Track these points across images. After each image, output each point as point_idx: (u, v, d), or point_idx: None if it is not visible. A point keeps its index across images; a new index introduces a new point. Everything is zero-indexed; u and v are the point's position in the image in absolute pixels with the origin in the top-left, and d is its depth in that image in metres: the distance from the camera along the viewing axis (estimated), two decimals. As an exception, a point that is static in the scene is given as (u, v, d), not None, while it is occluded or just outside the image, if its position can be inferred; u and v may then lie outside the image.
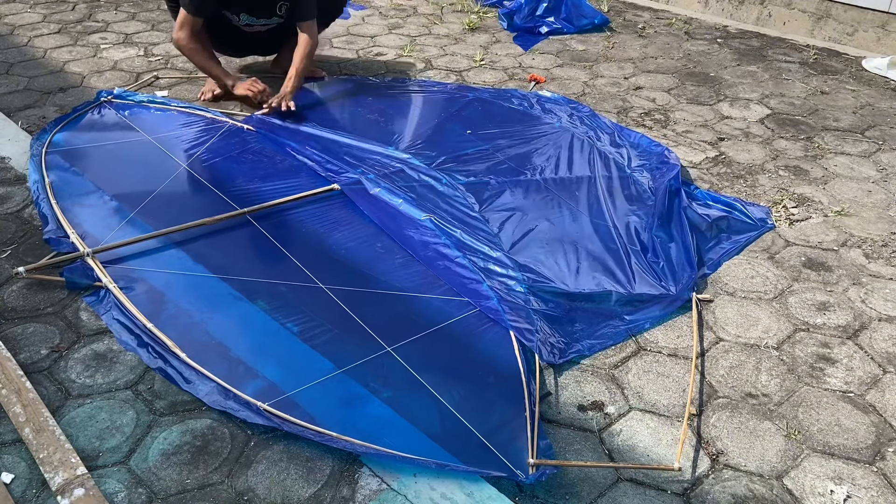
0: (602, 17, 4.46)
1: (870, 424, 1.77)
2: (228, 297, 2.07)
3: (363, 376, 1.81)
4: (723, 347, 2.00)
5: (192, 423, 1.70)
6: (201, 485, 1.56)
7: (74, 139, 2.87)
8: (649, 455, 1.67)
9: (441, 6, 4.79)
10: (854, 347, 2.01)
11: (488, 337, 1.96)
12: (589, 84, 3.65)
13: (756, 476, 1.63)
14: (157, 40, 3.96)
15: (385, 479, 1.58)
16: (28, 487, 1.54)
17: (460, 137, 2.98)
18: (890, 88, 3.72)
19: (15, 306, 2.05)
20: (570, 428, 1.74)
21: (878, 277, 2.30)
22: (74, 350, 1.90)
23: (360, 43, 4.08)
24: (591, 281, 2.18)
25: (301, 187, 2.59)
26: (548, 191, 2.62)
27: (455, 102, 3.29)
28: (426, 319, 2.01)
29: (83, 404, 1.75)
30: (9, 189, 2.58)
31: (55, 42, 3.87)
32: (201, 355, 1.84)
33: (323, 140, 2.88)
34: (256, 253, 2.27)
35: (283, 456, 1.63)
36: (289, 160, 2.79)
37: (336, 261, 2.24)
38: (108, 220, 2.38)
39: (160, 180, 2.60)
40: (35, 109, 3.15)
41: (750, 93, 3.61)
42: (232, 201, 2.49)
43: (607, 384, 1.87)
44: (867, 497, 1.59)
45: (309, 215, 2.46)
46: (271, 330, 1.96)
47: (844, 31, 4.30)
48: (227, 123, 3.02)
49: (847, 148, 3.10)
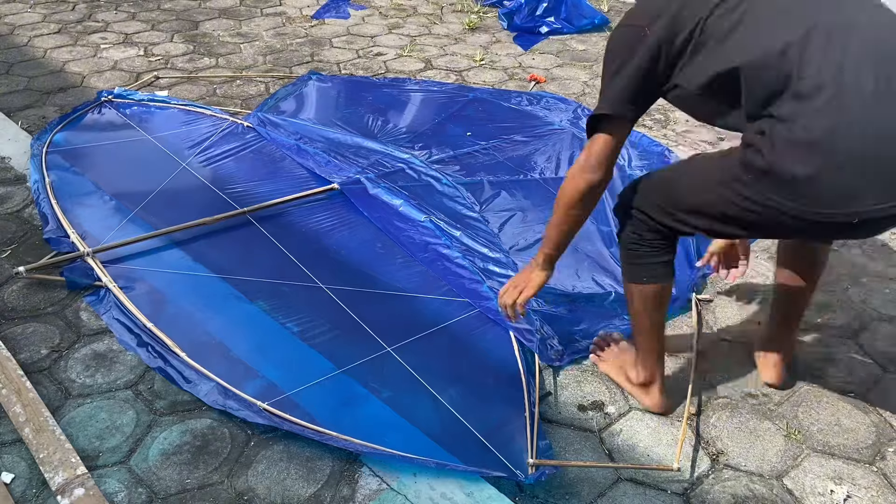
0: (602, 17, 4.46)
1: (870, 424, 1.77)
2: (229, 297, 2.07)
3: (363, 376, 1.81)
4: (723, 347, 2.00)
5: (192, 423, 1.70)
6: (201, 485, 1.56)
7: (75, 139, 2.87)
8: (649, 455, 1.67)
9: (441, 6, 4.79)
10: (854, 347, 2.01)
11: (488, 337, 1.96)
12: (589, 84, 3.65)
13: (756, 476, 1.63)
14: (157, 40, 3.96)
15: (385, 479, 1.58)
16: (28, 487, 1.54)
17: (460, 138, 2.98)
18: (890, 88, 3.72)
19: (15, 306, 2.05)
20: (570, 428, 1.74)
21: (878, 277, 2.30)
22: (74, 350, 1.91)
23: (360, 43, 4.08)
24: (591, 281, 2.18)
25: (301, 187, 2.59)
26: (548, 191, 2.62)
27: (455, 102, 3.29)
28: (426, 320, 2.01)
29: (83, 404, 1.75)
30: (9, 189, 2.58)
31: (55, 42, 3.87)
32: (201, 355, 1.84)
33: (323, 139, 2.88)
34: (257, 253, 2.27)
35: (283, 456, 1.63)
36: (289, 159, 2.79)
37: (336, 261, 2.24)
38: (108, 220, 2.38)
39: (160, 180, 2.61)
40: (35, 109, 3.15)
41: (750, 93, 3.60)
42: (232, 201, 2.50)
43: (607, 384, 1.86)
44: (867, 497, 1.59)
45: (309, 215, 2.46)
46: (271, 330, 1.96)
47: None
48: (227, 122, 3.03)
49: (847, 148, 3.10)
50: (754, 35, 1.35)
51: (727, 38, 1.37)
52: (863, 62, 1.27)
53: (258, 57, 3.80)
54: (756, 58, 1.32)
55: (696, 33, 1.40)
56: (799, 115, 1.28)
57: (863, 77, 1.25)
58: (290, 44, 4.00)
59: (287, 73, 3.61)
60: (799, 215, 1.32)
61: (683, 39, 1.41)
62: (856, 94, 1.25)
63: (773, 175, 1.31)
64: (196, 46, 3.90)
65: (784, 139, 1.29)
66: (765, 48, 1.32)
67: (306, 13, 4.48)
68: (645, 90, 1.49)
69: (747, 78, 1.34)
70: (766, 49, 1.31)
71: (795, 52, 1.29)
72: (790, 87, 1.29)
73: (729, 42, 1.37)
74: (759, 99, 1.33)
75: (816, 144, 1.26)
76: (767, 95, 1.32)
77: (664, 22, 1.43)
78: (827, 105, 1.26)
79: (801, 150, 1.28)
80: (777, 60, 1.30)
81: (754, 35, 1.35)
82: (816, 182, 1.28)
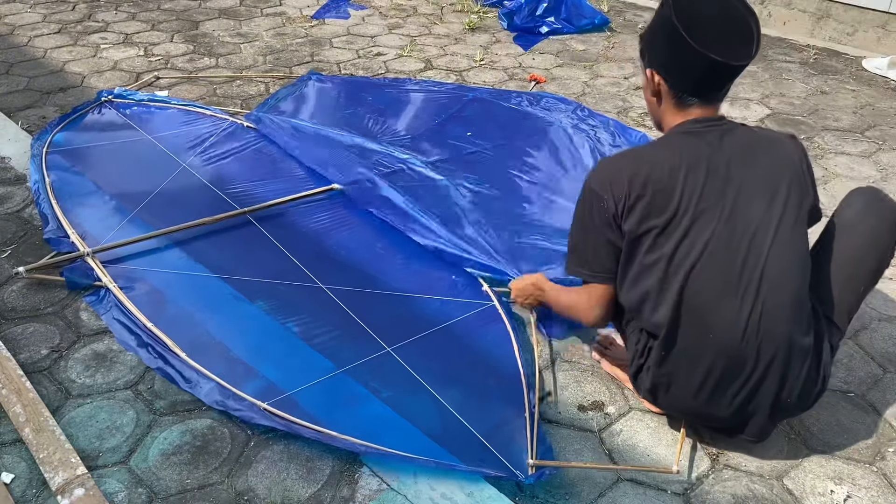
0: (602, 17, 4.46)
1: (870, 424, 1.77)
2: (228, 297, 2.07)
3: (363, 376, 1.81)
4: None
5: (192, 423, 1.70)
6: (201, 485, 1.56)
7: (75, 139, 2.87)
8: (649, 455, 1.67)
9: (441, 6, 4.79)
10: (854, 347, 2.01)
11: (488, 338, 1.96)
12: (589, 84, 3.65)
13: (756, 476, 1.63)
14: (157, 40, 3.96)
15: (385, 478, 1.58)
16: (28, 487, 1.54)
17: (461, 138, 2.98)
18: (890, 88, 3.72)
19: (15, 306, 2.05)
20: (571, 428, 1.74)
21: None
22: (74, 350, 1.90)
23: (360, 43, 4.08)
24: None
25: (301, 186, 2.59)
26: (549, 191, 2.62)
27: (455, 102, 3.29)
28: (426, 320, 2.01)
29: (83, 404, 1.75)
30: (9, 189, 2.58)
31: (55, 42, 3.87)
32: (201, 355, 1.84)
33: (323, 139, 2.88)
34: (257, 253, 2.27)
35: (283, 456, 1.63)
36: (289, 159, 2.79)
37: (336, 261, 2.24)
38: (108, 220, 2.38)
39: (161, 180, 2.61)
40: (35, 109, 3.15)
41: (750, 93, 3.60)
42: (232, 201, 2.50)
43: (607, 384, 1.86)
44: (867, 497, 1.59)
45: (309, 215, 2.46)
46: (271, 329, 1.96)
47: (844, 31, 4.30)
48: (227, 122, 3.03)
49: (847, 148, 3.10)
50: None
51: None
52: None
53: (258, 57, 3.80)
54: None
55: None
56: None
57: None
58: (290, 44, 4.00)
59: (287, 73, 3.61)
60: None
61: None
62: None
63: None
64: (196, 46, 3.90)
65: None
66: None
67: (306, 13, 4.48)
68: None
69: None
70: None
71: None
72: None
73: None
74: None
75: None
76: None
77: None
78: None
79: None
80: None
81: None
82: None
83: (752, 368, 1.48)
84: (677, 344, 1.52)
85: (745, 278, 1.45)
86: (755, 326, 1.45)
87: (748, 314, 1.45)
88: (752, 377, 1.49)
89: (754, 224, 1.46)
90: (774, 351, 1.46)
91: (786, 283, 1.46)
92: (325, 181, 2.62)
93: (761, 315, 1.45)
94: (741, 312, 1.45)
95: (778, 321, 1.46)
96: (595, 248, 1.57)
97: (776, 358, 1.47)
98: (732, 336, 1.46)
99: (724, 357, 1.48)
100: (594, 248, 1.57)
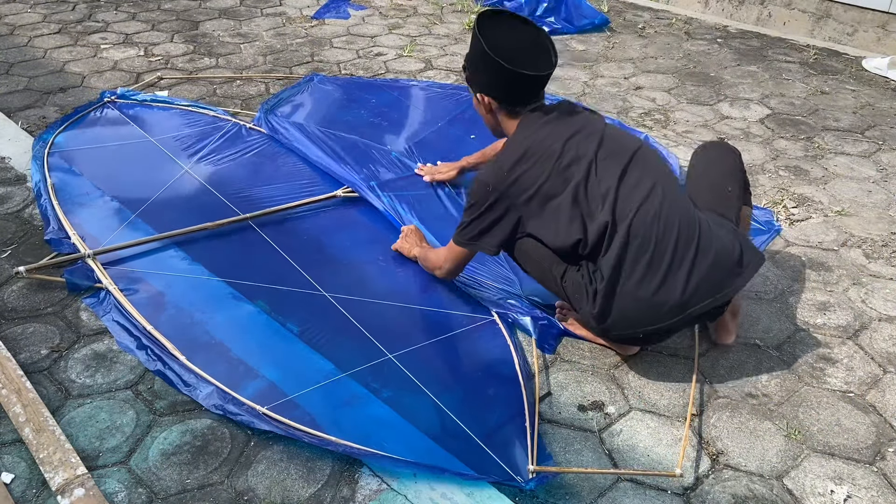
0: (602, 17, 4.46)
1: (870, 424, 1.77)
2: (229, 298, 2.07)
3: (363, 378, 1.81)
4: (723, 347, 2.00)
5: (192, 422, 1.70)
6: (201, 485, 1.56)
7: (77, 140, 2.87)
8: (650, 455, 1.67)
9: (441, 6, 4.80)
10: (854, 347, 2.01)
11: (489, 347, 1.95)
12: (589, 84, 3.65)
13: (756, 476, 1.63)
14: (157, 40, 3.96)
15: (385, 478, 1.58)
16: (28, 487, 1.54)
17: (464, 141, 2.97)
18: (890, 88, 3.72)
19: (15, 306, 2.05)
20: (571, 428, 1.74)
21: (878, 277, 2.30)
22: (74, 350, 1.91)
23: (360, 43, 4.08)
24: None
25: (303, 190, 2.58)
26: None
27: (458, 104, 3.28)
28: (427, 329, 2.00)
29: (83, 404, 1.75)
30: (9, 189, 2.58)
31: (55, 42, 3.87)
32: (201, 357, 1.84)
33: (324, 141, 2.87)
34: (258, 258, 2.25)
35: (283, 456, 1.63)
36: (291, 162, 2.78)
37: (338, 268, 2.22)
38: (109, 222, 2.38)
39: (162, 182, 2.60)
40: (35, 109, 3.16)
41: (750, 93, 3.61)
42: (234, 205, 2.49)
43: (607, 384, 1.87)
44: (867, 497, 1.59)
45: (311, 221, 2.44)
46: (272, 331, 1.96)
47: (844, 31, 4.30)
48: (230, 123, 3.02)
49: (847, 148, 3.10)
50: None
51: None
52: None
53: (258, 57, 3.80)
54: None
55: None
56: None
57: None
58: (291, 44, 4.01)
59: (287, 73, 3.61)
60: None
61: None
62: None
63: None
64: (196, 46, 3.91)
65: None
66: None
67: (306, 13, 4.49)
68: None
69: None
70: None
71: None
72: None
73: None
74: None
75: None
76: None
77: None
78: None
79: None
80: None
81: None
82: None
83: (675, 245, 1.69)
84: (612, 248, 1.70)
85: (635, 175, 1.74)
86: (657, 210, 1.71)
87: (658, 203, 1.71)
88: (676, 250, 1.68)
89: (622, 142, 1.82)
90: (678, 228, 1.70)
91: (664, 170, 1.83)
92: (329, 183, 2.61)
93: (661, 204, 1.71)
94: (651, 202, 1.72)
95: (675, 207, 1.73)
96: (482, 228, 1.83)
97: (681, 233, 1.70)
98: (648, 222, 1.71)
99: (648, 241, 1.69)
100: (481, 227, 1.84)
